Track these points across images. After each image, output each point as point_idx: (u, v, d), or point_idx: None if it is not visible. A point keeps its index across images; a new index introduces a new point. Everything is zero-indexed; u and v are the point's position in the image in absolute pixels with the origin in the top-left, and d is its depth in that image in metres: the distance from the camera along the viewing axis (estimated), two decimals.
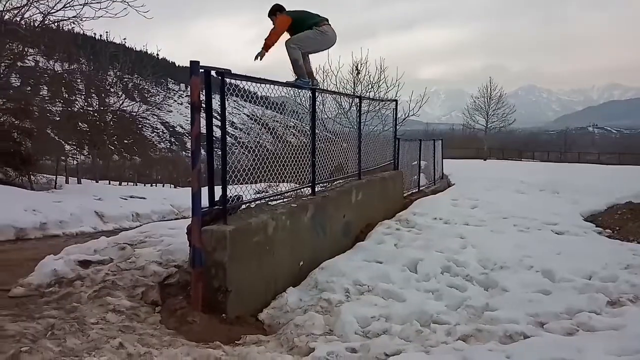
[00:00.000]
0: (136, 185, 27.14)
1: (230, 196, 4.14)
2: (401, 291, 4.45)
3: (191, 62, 3.77)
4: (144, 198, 13.62)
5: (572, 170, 22.88)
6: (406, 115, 20.51)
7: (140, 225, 7.17)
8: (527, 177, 15.62)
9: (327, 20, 5.60)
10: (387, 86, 18.85)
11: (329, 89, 17.09)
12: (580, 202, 10.11)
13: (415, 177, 12.21)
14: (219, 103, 4.03)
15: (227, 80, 4.02)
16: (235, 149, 5.00)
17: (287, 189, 5.57)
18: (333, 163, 6.60)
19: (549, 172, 19.84)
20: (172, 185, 29.73)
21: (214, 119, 4.02)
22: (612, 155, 47.30)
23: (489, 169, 22.54)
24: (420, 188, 11.99)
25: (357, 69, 18.74)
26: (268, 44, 5.25)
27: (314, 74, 6.19)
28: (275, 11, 5.46)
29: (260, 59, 5.30)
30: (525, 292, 4.56)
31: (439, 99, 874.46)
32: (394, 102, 10.51)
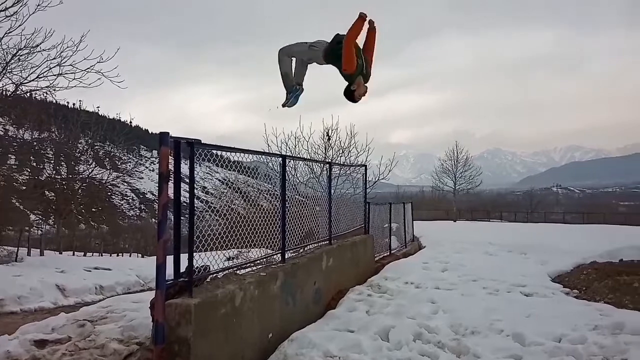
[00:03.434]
0: (102, 255, 26.29)
1: (197, 267, 4.06)
2: None
3: (161, 133, 3.82)
4: (109, 269, 13.18)
5: (539, 230, 23.43)
6: (376, 179, 20.90)
7: (104, 299, 6.89)
8: (495, 238, 15.89)
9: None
10: (357, 151, 19.34)
11: (300, 154, 17.42)
12: (548, 262, 10.30)
13: (387, 240, 12.28)
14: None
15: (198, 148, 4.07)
16: (206, 214, 4.97)
17: (257, 255, 5.51)
18: (304, 228, 6.60)
19: (517, 232, 20.25)
20: (140, 255, 28.93)
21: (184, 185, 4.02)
22: (576, 215, 48.78)
23: (458, 230, 22.87)
24: (392, 251, 12.03)
25: (328, 135, 19.21)
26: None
27: (287, 140, 6.17)
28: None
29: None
30: (497, 357, 4.52)
31: (408, 162, 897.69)
32: (364, 168, 10.77)
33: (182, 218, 4.09)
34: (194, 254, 4.01)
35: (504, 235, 18.17)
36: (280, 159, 5.86)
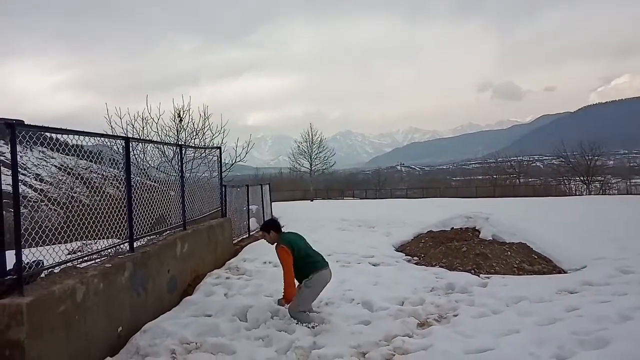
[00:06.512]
0: None
1: (28, 262, 3.62)
2: (231, 343, 4.34)
3: None
4: None
5: (385, 205, 25.52)
6: (234, 161, 20.67)
7: None
8: (348, 214, 16.92)
9: (327, 263, 5.33)
10: (212, 133, 18.84)
11: (149, 136, 16.40)
12: (392, 234, 11.26)
13: (246, 222, 12.28)
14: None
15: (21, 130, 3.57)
16: (42, 205, 4.43)
17: (102, 247, 5.06)
18: (156, 214, 6.25)
19: (366, 208, 21.80)
20: None
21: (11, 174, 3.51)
22: (417, 190, 54.20)
23: (315, 209, 23.84)
24: (251, 233, 12.08)
25: (179, 116, 18.36)
26: (289, 292, 4.99)
27: (133, 121, 5.81)
28: (269, 229, 5.33)
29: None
30: (348, 325, 4.84)
31: (266, 144, 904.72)
32: (218, 150, 10.52)
33: (11, 210, 3.61)
34: (27, 249, 3.58)
35: (355, 211, 19.43)
36: (124, 141, 5.43)
